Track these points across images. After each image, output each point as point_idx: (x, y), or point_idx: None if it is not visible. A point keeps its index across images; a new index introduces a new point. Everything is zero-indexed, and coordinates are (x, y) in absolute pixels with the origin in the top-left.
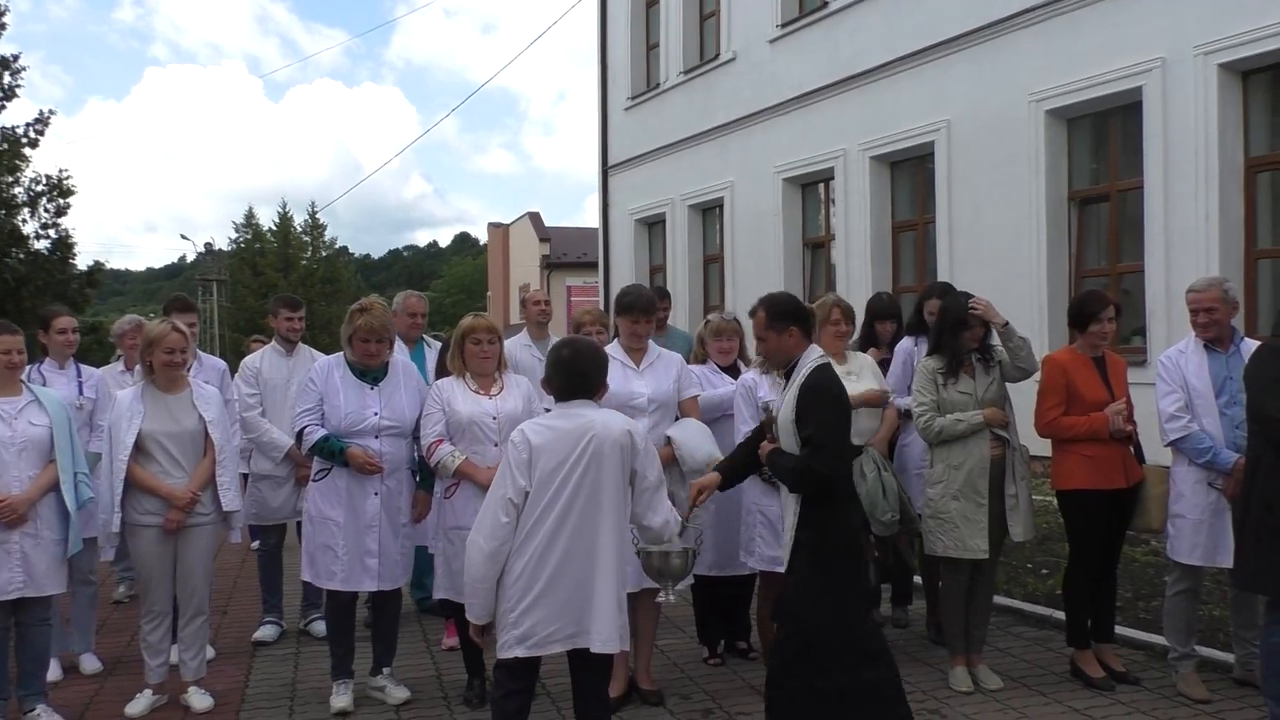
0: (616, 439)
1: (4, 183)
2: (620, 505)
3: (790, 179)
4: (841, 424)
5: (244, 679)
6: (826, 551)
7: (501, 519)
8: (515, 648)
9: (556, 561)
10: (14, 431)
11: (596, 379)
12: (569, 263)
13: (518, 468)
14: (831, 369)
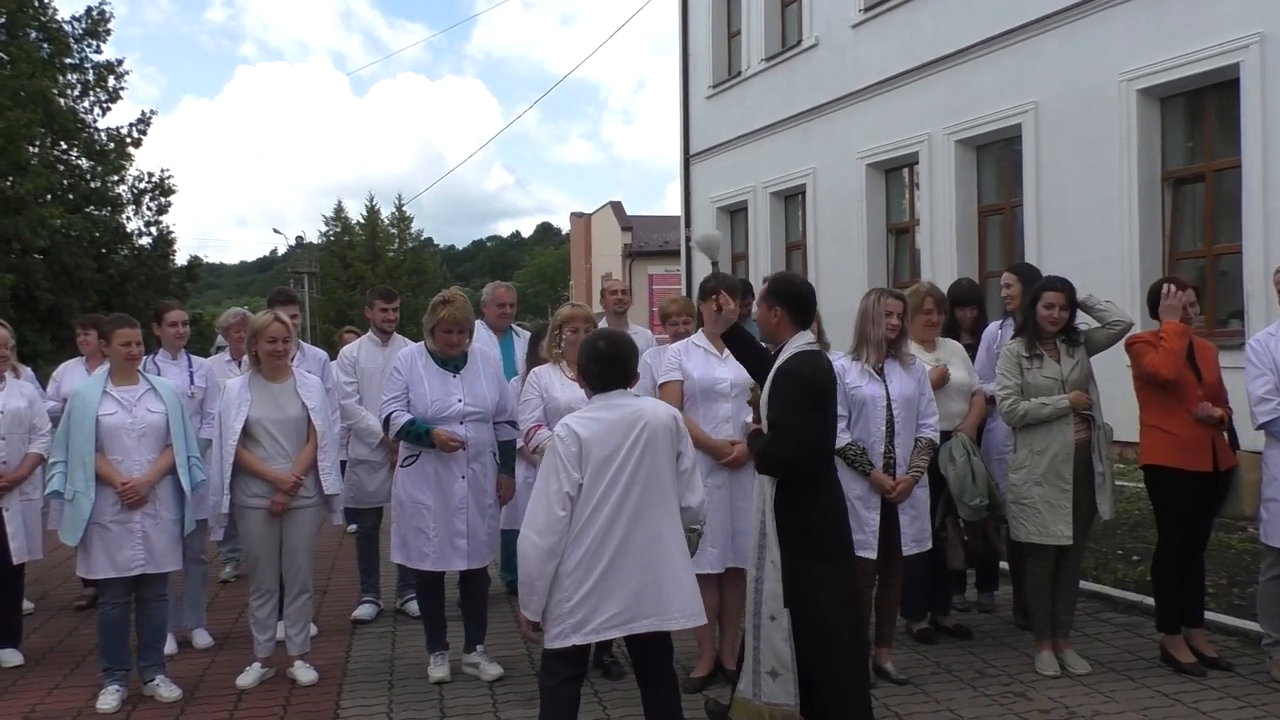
0: (665, 424)
1: (110, 182)
2: (674, 487)
3: (874, 164)
4: (810, 411)
5: (345, 655)
6: (812, 534)
7: (558, 513)
8: (572, 635)
9: (615, 550)
10: (134, 418)
11: (632, 369)
12: (651, 251)
13: (569, 461)
14: (816, 357)
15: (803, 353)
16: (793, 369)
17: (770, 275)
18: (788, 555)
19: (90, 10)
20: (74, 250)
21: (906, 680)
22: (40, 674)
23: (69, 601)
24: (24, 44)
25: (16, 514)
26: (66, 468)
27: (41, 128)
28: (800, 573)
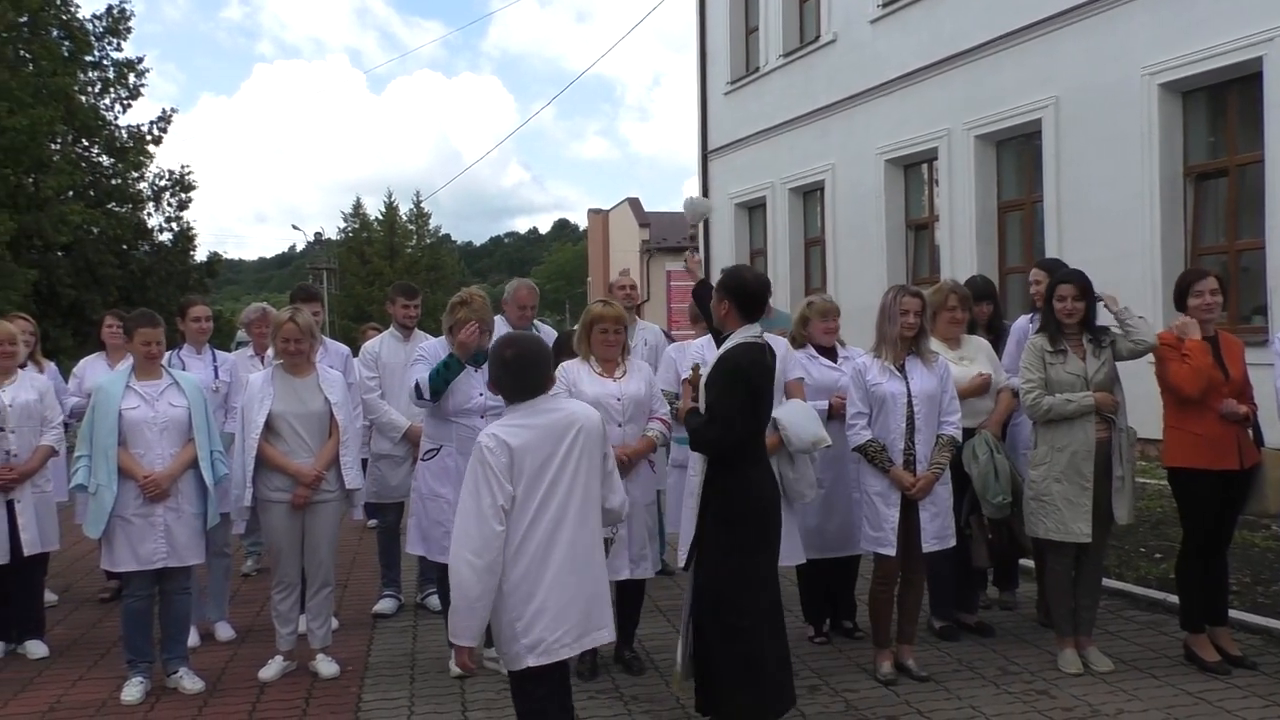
0: (597, 428)
1: (130, 179)
2: (599, 491)
3: (893, 160)
4: (740, 400)
5: (366, 649)
6: (728, 515)
7: (495, 528)
8: (526, 658)
9: (559, 561)
10: (156, 412)
11: (545, 373)
12: (669, 247)
13: (501, 473)
14: (757, 350)
15: (744, 343)
16: (731, 357)
17: (725, 269)
18: (705, 527)
19: (111, 8)
20: (96, 246)
21: (928, 677)
22: (65, 666)
23: (93, 594)
24: (46, 42)
25: (29, 506)
26: (90, 461)
27: (63, 125)
28: (711, 545)
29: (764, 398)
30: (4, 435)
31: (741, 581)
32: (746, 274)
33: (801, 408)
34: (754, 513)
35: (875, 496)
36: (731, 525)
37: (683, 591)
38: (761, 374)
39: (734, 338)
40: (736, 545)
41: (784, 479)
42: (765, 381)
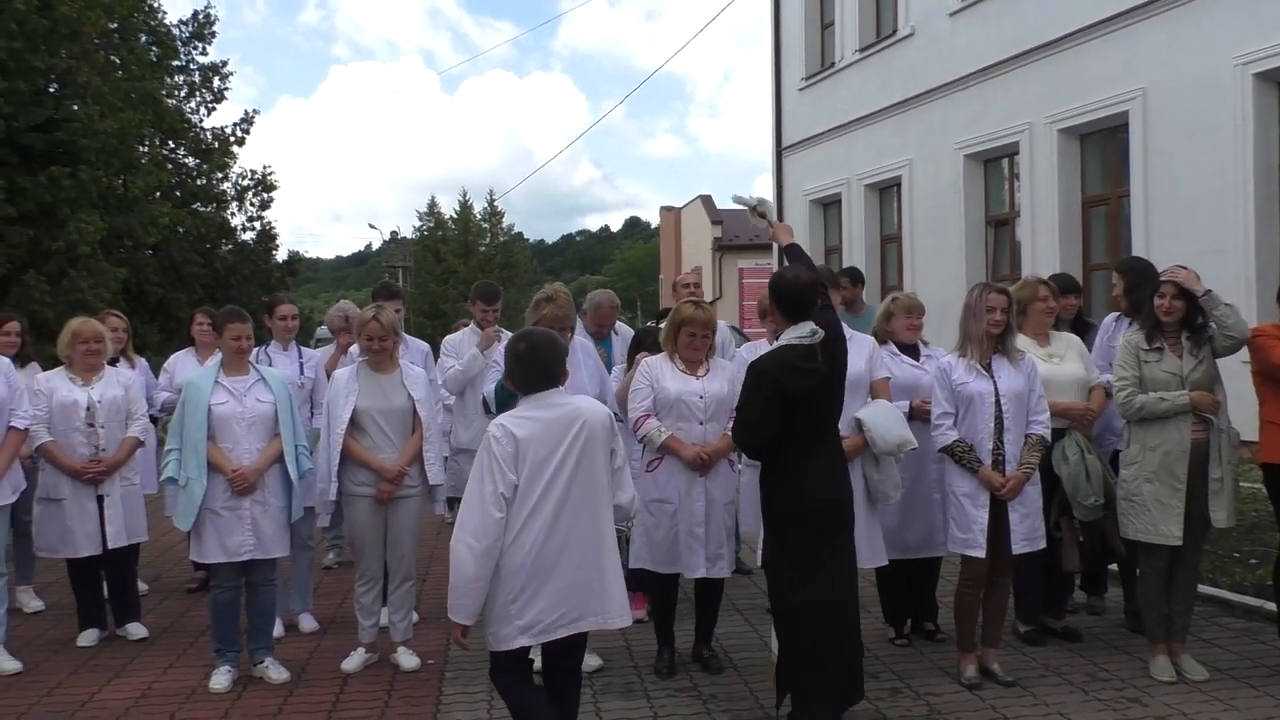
0: (603, 423)
1: (215, 179)
2: (609, 485)
3: (972, 155)
4: (766, 405)
5: (446, 643)
6: (775, 516)
7: (494, 514)
8: (519, 638)
9: (558, 549)
10: (244, 408)
11: (558, 368)
12: (741, 245)
13: (505, 462)
14: (793, 354)
15: (782, 347)
16: (758, 362)
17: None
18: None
19: (196, 14)
20: (181, 246)
21: (1014, 682)
22: (155, 653)
23: (181, 584)
24: (135, 48)
25: (116, 499)
26: (180, 455)
27: (151, 128)
28: (766, 543)
29: (795, 401)
30: (93, 430)
31: (794, 577)
32: (787, 275)
33: (887, 409)
34: (798, 512)
35: (963, 497)
36: (776, 524)
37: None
38: (792, 378)
39: (781, 340)
40: (783, 542)
41: (869, 480)
42: (798, 384)
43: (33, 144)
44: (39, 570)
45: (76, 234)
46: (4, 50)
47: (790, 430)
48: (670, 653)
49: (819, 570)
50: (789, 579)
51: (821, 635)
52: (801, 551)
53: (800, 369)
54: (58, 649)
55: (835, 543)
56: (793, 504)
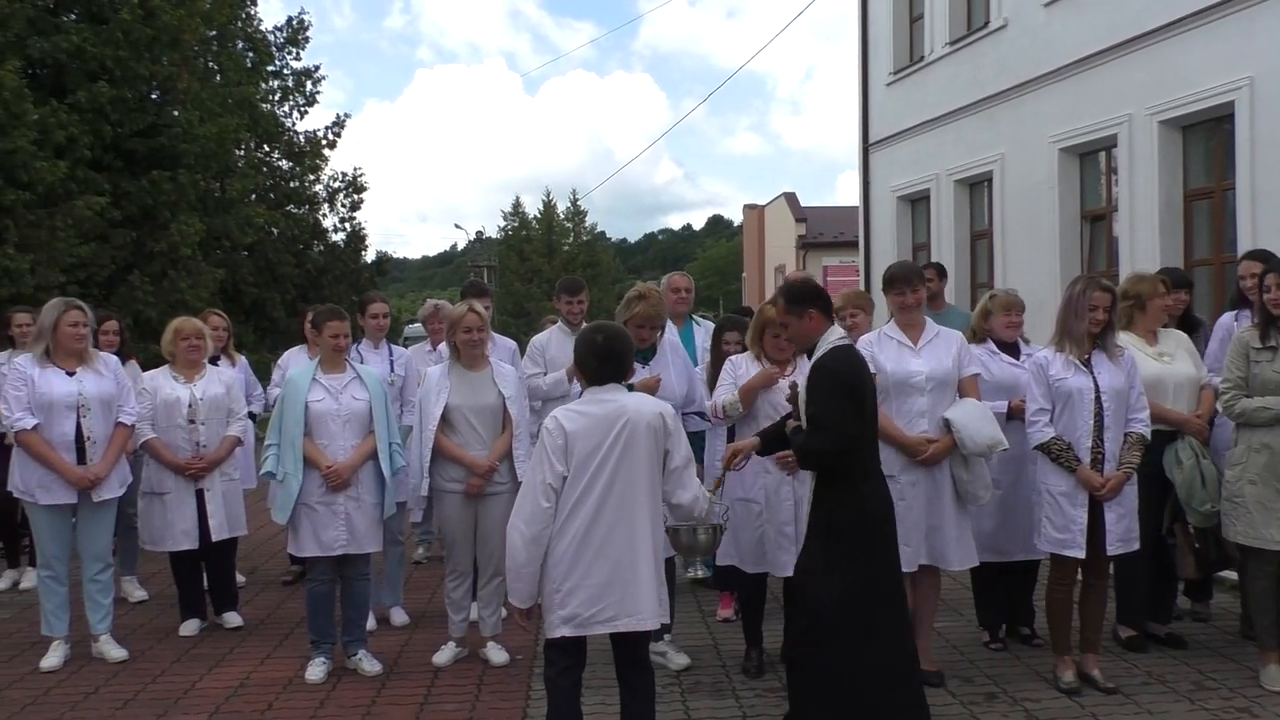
0: (649, 421)
1: (307, 181)
2: (655, 485)
3: (1067, 149)
4: (844, 404)
5: (535, 638)
6: (836, 529)
7: (542, 504)
8: (561, 628)
9: (599, 543)
10: (339, 405)
11: (627, 363)
12: (825, 242)
13: (554, 454)
14: (849, 350)
15: (837, 348)
16: (826, 364)
17: (780, 290)
18: (807, 541)
19: (290, 20)
20: (275, 247)
21: (1115, 689)
22: (253, 644)
23: (276, 576)
24: (232, 54)
25: (217, 494)
26: (279, 450)
27: (247, 132)
28: (806, 557)
29: (867, 400)
30: (194, 427)
31: (841, 598)
32: (805, 279)
33: (976, 408)
34: (862, 527)
35: (1060, 497)
36: (839, 539)
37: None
38: (862, 373)
39: (825, 343)
40: (842, 558)
41: (957, 481)
42: (866, 382)
43: (136, 149)
44: (142, 561)
45: (177, 236)
46: (111, 59)
47: (861, 430)
48: (759, 652)
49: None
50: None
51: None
52: (855, 568)
53: (862, 365)
54: (161, 638)
55: (883, 559)
56: (853, 517)
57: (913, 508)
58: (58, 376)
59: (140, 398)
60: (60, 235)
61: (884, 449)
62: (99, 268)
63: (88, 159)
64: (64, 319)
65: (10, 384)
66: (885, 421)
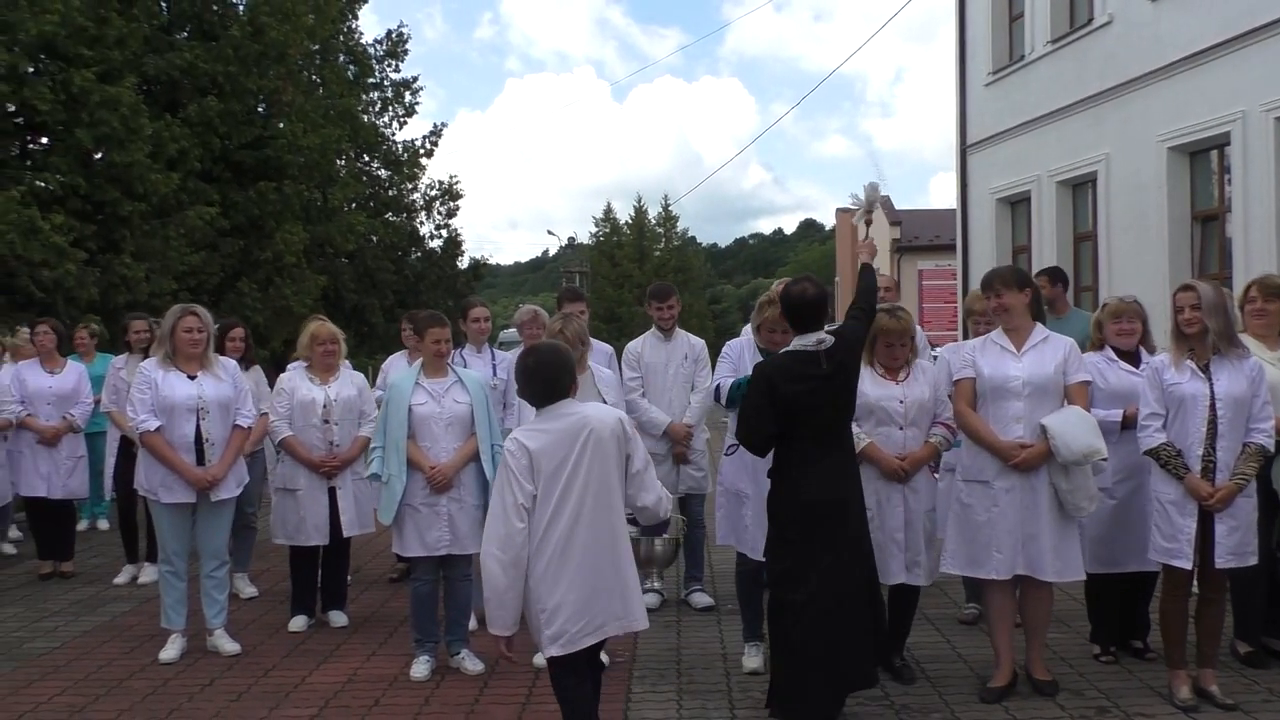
0: (612, 429)
1: (405, 189)
2: (623, 490)
3: (1176, 147)
4: (754, 403)
5: (633, 642)
6: (775, 514)
7: (516, 525)
8: (551, 647)
9: (579, 555)
10: (442, 408)
11: (565, 381)
12: (921, 246)
13: (520, 474)
14: (792, 359)
15: (787, 352)
16: (759, 368)
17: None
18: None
19: (390, 33)
20: (375, 254)
21: (1235, 706)
22: (359, 641)
23: (381, 574)
24: (335, 67)
25: (348, 491)
26: (384, 452)
27: (348, 143)
28: (767, 542)
29: (790, 404)
30: (328, 427)
31: (781, 573)
32: (794, 288)
33: (1077, 415)
34: (793, 512)
35: (1169, 505)
36: (774, 521)
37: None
38: (788, 382)
39: (789, 346)
40: (778, 539)
41: (1057, 490)
42: (793, 388)
43: (244, 160)
44: (252, 559)
45: (282, 244)
46: (220, 74)
47: (790, 432)
48: (887, 660)
49: (810, 570)
50: (779, 576)
51: (808, 635)
52: (796, 551)
53: (798, 374)
54: (270, 633)
55: (834, 544)
56: (789, 503)
57: (1006, 514)
58: (179, 380)
59: (278, 397)
60: (173, 244)
61: (978, 453)
62: (208, 275)
63: (198, 171)
64: (180, 324)
65: (136, 387)
66: (979, 425)
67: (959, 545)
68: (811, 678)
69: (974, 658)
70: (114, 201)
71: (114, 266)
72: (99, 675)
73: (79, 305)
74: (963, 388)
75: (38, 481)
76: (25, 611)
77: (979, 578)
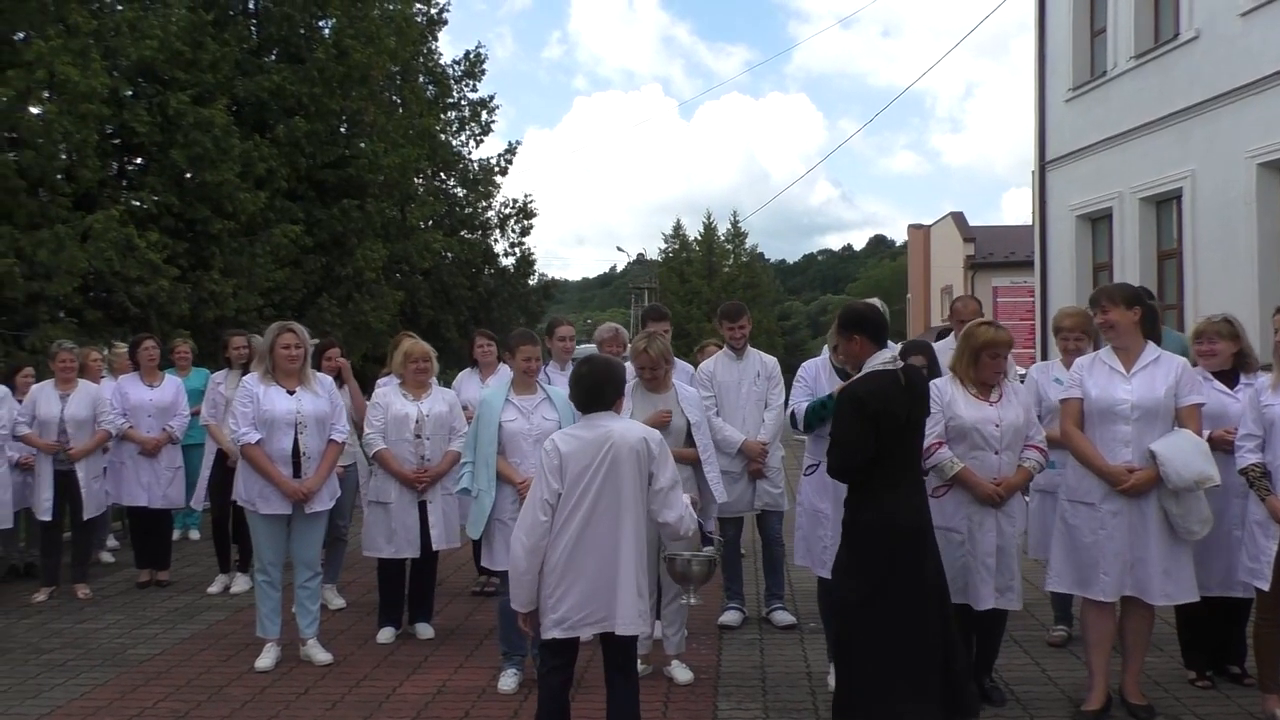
0: (633, 446)
1: (480, 207)
2: (640, 504)
3: (1267, 164)
4: (857, 426)
5: (716, 658)
6: (855, 535)
7: (540, 518)
8: (553, 629)
9: (586, 553)
10: (531, 425)
11: (610, 393)
12: (995, 263)
13: (550, 472)
14: (879, 376)
15: (870, 373)
16: (850, 387)
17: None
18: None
19: (468, 53)
20: (450, 271)
21: None
22: (446, 652)
23: (464, 587)
24: (415, 87)
25: (438, 505)
26: (474, 467)
27: (427, 161)
28: (836, 557)
29: (887, 423)
30: (419, 441)
31: (858, 597)
32: (860, 305)
33: (1188, 440)
34: (880, 535)
35: (1255, 525)
36: (856, 545)
37: None
38: (883, 400)
39: (865, 367)
40: (859, 564)
41: (1169, 515)
42: (889, 406)
43: (327, 179)
44: (341, 571)
45: (362, 261)
46: (307, 96)
47: (879, 455)
48: (977, 683)
49: (881, 598)
50: (853, 596)
51: (872, 659)
52: (873, 576)
53: (892, 394)
54: (360, 644)
55: (910, 573)
56: (877, 528)
57: (1114, 537)
58: (279, 395)
59: (373, 411)
60: (259, 261)
61: (1086, 476)
62: (292, 291)
63: (284, 189)
64: (279, 341)
65: (238, 400)
66: (1086, 447)
67: (1065, 565)
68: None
69: (1065, 680)
70: (204, 220)
71: (204, 283)
72: (199, 682)
73: (171, 320)
74: (1070, 407)
75: (138, 491)
76: (125, 619)
77: (1081, 597)
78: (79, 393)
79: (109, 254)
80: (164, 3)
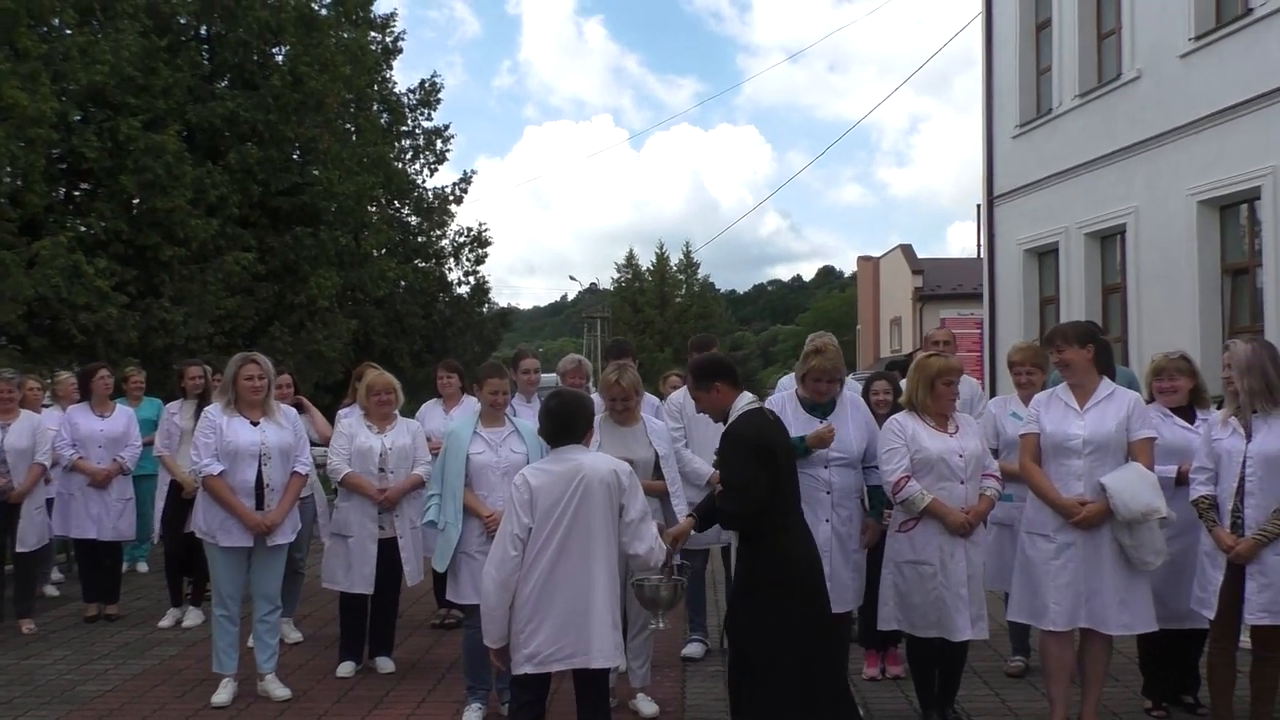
0: (604, 478)
1: (434, 236)
2: (611, 537)
3: (1206, 201)
4: (750, 468)
5: (680, 691)
6: (756, 584)
7: (510, 552)
8: (524, 665)
9: (558, 588)
10: (499, 458)
11: (580, 426)
12: (943, 294)
13: (520, 507)
14: (758, 414)
15: (746, 413)
16: (733, 430)
17: (688, 368)
18: (736, 594)
19: (423, 82)
20: (404, 299)
21: None
22: (408, 687)
23: (424, 620)
24: (369, 116)
25: (409, 541)
26: (440, 500)
27: (381, 189)
28: (738, 609)
29: (776, 458)
30: (383, 474)
31: (765, 643)
32: (710, 355)
33: (1137, 474)
34: (782, 579)
35: (1204, 555)
36: (758, 592)
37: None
38: (772, 436)
39: (734, 410)
40: (763, 609)
41: (1123, 547)
42: (777, 443)
43: (280, 206)
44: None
45: (315, 289)
46: (261, 122)
47: (771, 496)
48: (938, 714)
49: (799, 633)
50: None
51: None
52: (777, 616)
53: (771, 431)
54: (319, 678)
55: (814, 606)
56: (786, 574)
57: (1066, 568)
58: (243, 426)
59: (338, 439)
60: (210, 289)
61: (1041, 509)
62: (243, 319)
63: (236, 216)
64: (241, 372)
65: (200, 431)
66: (1042, 481)
67: (1022, 595)
68: None
69: (1025, 711)
70: (155, 246)
71: (153, 310)
72: (153, 718)
73: (119, 348)
74: (1028, 442)
75: (88, 523)
76: (73, 654)
77: (1036, 628)
78: (20, 422)
79: (56, 280)
80: (116, 28)
